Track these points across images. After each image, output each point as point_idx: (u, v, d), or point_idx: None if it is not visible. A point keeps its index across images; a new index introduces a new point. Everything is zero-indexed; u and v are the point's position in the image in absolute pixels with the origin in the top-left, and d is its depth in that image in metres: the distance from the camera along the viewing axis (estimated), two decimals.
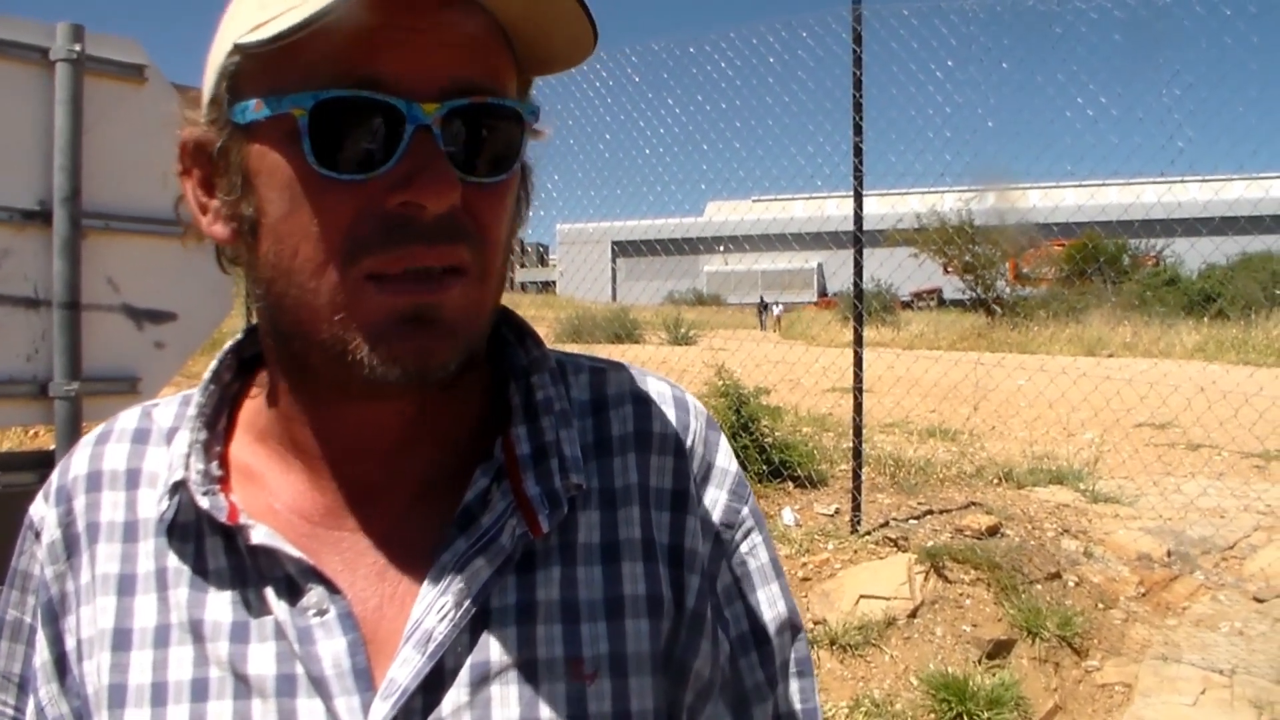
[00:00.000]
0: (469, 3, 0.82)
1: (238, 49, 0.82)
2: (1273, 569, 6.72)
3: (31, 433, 8.86)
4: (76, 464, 1.00)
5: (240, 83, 0.84)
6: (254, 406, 1.00)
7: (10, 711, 1.00)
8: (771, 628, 1.05)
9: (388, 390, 0.86)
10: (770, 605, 1.05)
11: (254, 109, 0.82)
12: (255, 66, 0.82)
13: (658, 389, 1.05)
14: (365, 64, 0.78)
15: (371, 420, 0.92)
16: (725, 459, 1.05)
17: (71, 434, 3.32)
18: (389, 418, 0.92)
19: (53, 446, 3.42)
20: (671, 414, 1.03)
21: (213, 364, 1.00)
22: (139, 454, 0.99)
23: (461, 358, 0.86)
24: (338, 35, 0.77)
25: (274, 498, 0.94)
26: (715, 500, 1.03)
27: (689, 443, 1.02)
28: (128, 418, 1.03)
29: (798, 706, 1.08)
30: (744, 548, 1.04)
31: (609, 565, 0.94)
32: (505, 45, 0.86)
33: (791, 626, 1.08)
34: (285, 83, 0.80)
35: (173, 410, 1.02)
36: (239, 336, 1.04)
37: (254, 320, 0.98)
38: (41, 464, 3.36)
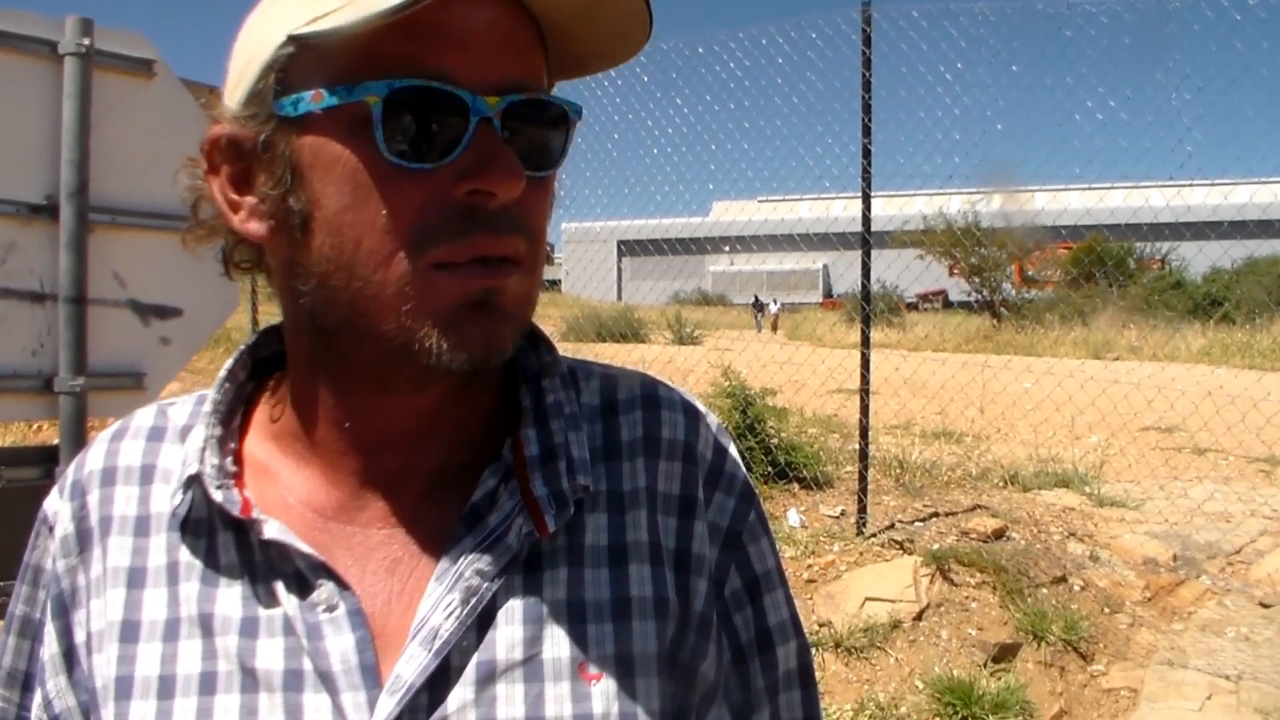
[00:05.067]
0: (517, 6, 0.85)
1: (293, 40, 0.82)
2: (1279, 575, 6.70)
3: (35, 428, 8.87)
4: (92, 459, 1.01)
5: (291, 74, 0.84)
6: (270, 404, 1.01)
7: (14, 709, 1.00)
8: (776, 635, 1.05)
9: (435, 379, 0.88)
10: (775, 612, 1.06)
11: (311, 100, 0.82)
12: (312, 58, 0.82)
13: (668, 396, 1.05)
14: (431, 58, 0.81)
15: (402, 412, 0.93)
16: (734, 465, 1.06)
17: (76, 429, 3.31)
18: (419, 408, 0.93)
19: (56, 441, 3.41)
20: (681, 420, 1.03)
21: (228, 363, 1.01)
22: (154, 450, 1.00)
23: (516, 344, 0.89)
24: (400, 28, 0.78)
25: (287, 493, 0.95)
26: (723, 506, 1.03)
27: (698, 449, 1.03)
28: (144, 415, 1.04)
29: (799, 715, 1.07)
30: (750, 554, 1.04)
31: (616, 567, 0.94)
32: (542, 47, 0.89)
33: (795, 634, 1.08)
34: (347, 74, 0.81)
35: (188, 409, 1.03)
36: (254, 337, 1.05)
37: (260, 319, 0.98)
38: (45, 459, 3.36)
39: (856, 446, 7.42)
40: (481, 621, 0.88)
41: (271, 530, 0.88)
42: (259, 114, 0.86)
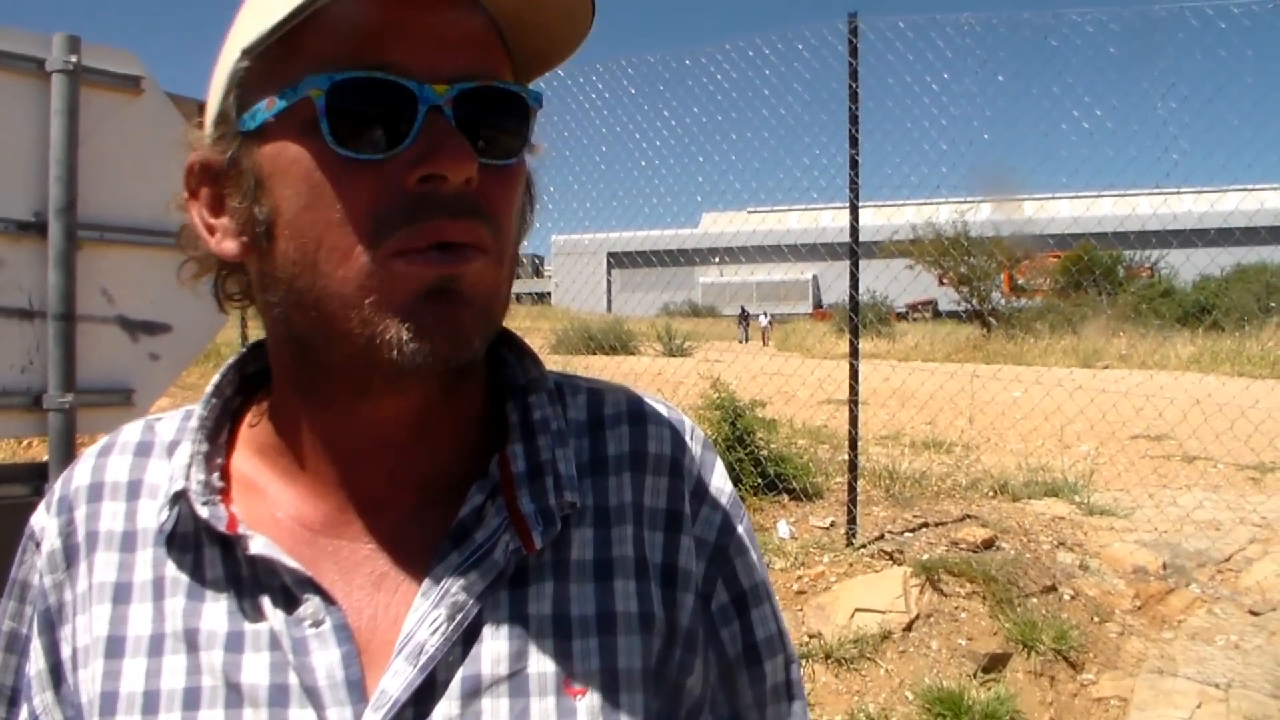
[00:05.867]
0: (470, 5, 0.86)
1: (245, 53, 0.84)
2: (1269, 582, 6.72)
3: (25, 444, 8.84)
4: (79, 475, 1.01)
5: (248, 89, 0.85)
6: (256, 420, 1.01)
7: None
8: (764, 649, 1.06)
9: (409, 379, 0.88)
10: (763, 626, 1.06)
11: (266, 107, 0.83)
12: (264, 68, 0.84)
13: (654, 411, 1.06)
14: (375, 53, 0.81)
15: (381, 420, 0.93)
16: (720, 479, 1.06)
17: (65, 446, 3.31)
18: (400, 414, 0.93)
19: (46, 458, 3.41)
20: (667, 435, 1.04)
21: (215, 378, 1.01)
22: (141, 466, 1.00)
23: (484, 337, 0.88)
24: (344, 28, 0.80)
25: (274, 508, 0.95)
26: (709, 520, 1.03)
27: (684, 463, 1.03)
28: (130, 431, 1.04)
29: None
30: (737, 567, 1.05)
31: (602, 582, 0.95)
32: (503, 45, 0.89)
33: (784, 647, 1.08)
34: (296, 75, 0.82)
35: (175, 424, 1.03)
36: (242, 352, 1.05)
37: (249, 334, 0.99)
38: (35, 476, 3.35)
39: (846, 457, 7.42)
40: (467, 637, 0.88)
41: (257, 545, 0.88)
42: (226, 134, 0.87)
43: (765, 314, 48.11)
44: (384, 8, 0.80)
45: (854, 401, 7.35)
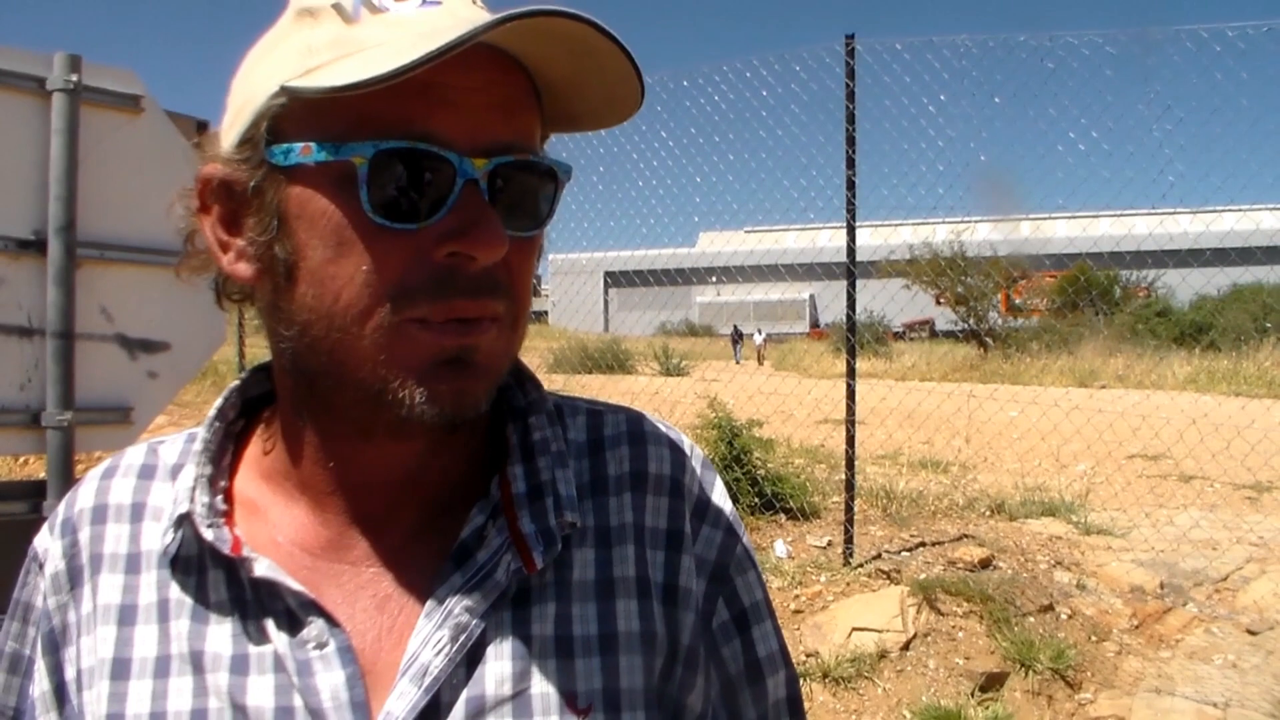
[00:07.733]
0: (511, 63, 0.85)
1: (286, 92, 0.83)
2: (1265, 601, 6.71)
3: (21, 462, 8.83)
4: (83, 497, 1.01)
5: (283, 125, 0.84)
6: (259, 443, 1.01)
7: None
8: (765, 666, 1.06)
9: (414, 429, 0.89)
10: (764, 643, 1.07)
11: (300, 152, 0.83)
12: (304, 111, 0.83)
13: (654, 431, 1.06)
14: (420, 120, 0.81)
15: (385, 457, 0.94)
16: (720, 498, 1.07)
17: (63, 463, 3.31)
18: (402, 455, 0.94)
19: (43, 475, 3.41)
20: (667, 455, 1.04)
21: (217, 402, 1.02)
22: (144, 489, 1.00)
23: (490, 399, 0.90)
24: (392, 90, 0.78)
25: (277, 531, 0.95)
26: (710, 539, 1.04)
27: (684, 483, 1.04)
28: (134, 454, 1.04)
29: None
30: (738, 586, 1.05)
31: (604, 602, 0.95)
32: (536, 103, 0.90)
33: (784, 665, 1.09)
34: (338, 130, 0.81)
35: (178, 447, 1.04)
36: (244, 375, 1.05)
37: (246, 352, 0.99)
38: (32, 493, 3.35)
39: (843, 477, 7.42)
40: (471, 658, 0.89)
41: (261, 568, 0.89)
42: (251, 158, 0.86)
43: (760, 331, 47.93)
44: (436, 71, 0.78)
45: (851, 421, 7.35)
